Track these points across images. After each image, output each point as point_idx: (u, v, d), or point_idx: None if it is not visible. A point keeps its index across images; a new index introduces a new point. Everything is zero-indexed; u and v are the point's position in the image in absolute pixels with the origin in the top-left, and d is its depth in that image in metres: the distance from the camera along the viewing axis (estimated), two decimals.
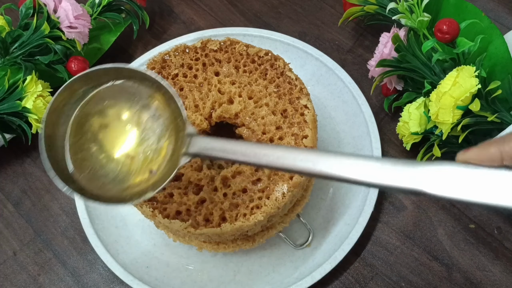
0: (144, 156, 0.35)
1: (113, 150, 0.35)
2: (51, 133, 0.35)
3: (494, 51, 0.47)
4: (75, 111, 0.36)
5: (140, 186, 0.35)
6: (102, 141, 0.35)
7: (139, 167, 0.35)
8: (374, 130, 0.51)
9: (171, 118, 0.35)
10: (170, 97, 0.34)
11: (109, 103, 0.36)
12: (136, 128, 0.35)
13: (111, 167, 0.35)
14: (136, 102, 0.36)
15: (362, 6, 0.54)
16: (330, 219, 0.49)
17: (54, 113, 0.35)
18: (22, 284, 0.49)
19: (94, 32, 0.59)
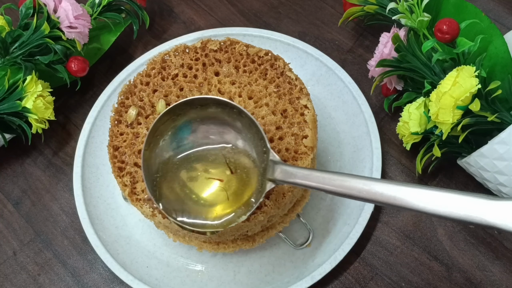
0: (234, 181, 0.37)
1: (200, 182, 0.38)
2: (148, 156, 0.37)
3: (494, 51, 0.47)
4: (167, 137, 0.38)
5: (222, 212, 0.37)
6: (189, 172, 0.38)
7: (225, 194, 0.37)
8: (374, 130, 0.51)
9: (254, 143, 0.37)
10: (251, 123, 0.36)
11: (196, 129, 0.38)
12: (223, 156, 0.38)
13: (196, 199, 0.37)
14: (221, 125, 0.38)
15: (362, 6, 0.54)
16: (330, 219, 0.49)
17: (152, 137, 0.38)
18: (22, 284, 0.49)
19: (94, 32, 0.59)
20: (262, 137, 0.36)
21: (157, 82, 0.45)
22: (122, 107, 0.44)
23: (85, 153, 0.53)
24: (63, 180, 0.54)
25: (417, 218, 0.49)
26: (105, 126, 0.54)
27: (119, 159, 0.42)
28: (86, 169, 0.52)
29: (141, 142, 0.42)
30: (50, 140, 0.57)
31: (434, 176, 0.51)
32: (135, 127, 0.43)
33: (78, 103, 0.59)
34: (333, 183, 0.31)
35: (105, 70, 0.61)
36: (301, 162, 0.40)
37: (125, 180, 0.40)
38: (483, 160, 0.43)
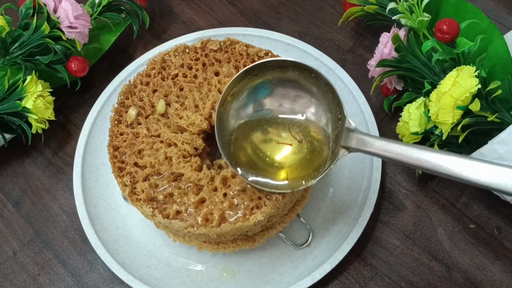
0: (303, 147, 0.38)
1: (274, 142, 0.38)
2: (222, 112, 0.38)
3: (494, 51, 0.47)
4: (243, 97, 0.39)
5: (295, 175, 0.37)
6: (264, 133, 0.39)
7: (298, 158, 0.38)
8: (374, 130, 0.51)
9: (329, 108, 0.37)
10: (328, 88, 0.37)
11: (274, 90, 0.39)
12: (299, 117, 0.38)
13: (268, 160, 0.38)
14: (297, 89, 0.38)
15: (362, 6, 0.54)
16: (330, 219, 0.49)
17: (227, 98, 0.38)
18: (22, 284, 0.49)
19: (94, 32, 0.59)
20: (338, 103, 0.36)
21: (157, 82, 0.45)
22: (122, 107, 0.44)
23: (85, 153, 0.53)
24: (63, 180, 0.54)
25: (417, 218, 0.50)
26: (105, 126, 0.54)
27: (119, 159, 0.42)
28: (86, 169, 0.52)
29: (141, 142, 0.42)
30: (50, 140, 0.57)
31: (434, 176, 0.51)
32: (135, 127, 0.43)
33: (78, 103, 0.59)
34: (411, 155, 0.32)
35: (105, 70, 0.61)
36: None
37: (125, 180, 0.40)
38: None
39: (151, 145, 0.42)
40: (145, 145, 0.42)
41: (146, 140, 0.42)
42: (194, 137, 0.43)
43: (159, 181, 0.41)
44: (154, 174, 0.41)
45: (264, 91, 0.39)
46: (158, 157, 0.41)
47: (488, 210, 0.49)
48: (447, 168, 0.31)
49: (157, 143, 0.42)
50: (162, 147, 0.42)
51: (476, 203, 0.50)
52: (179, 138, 0.42)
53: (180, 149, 0.42)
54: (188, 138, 0.43)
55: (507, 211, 0.49)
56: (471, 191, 0.50)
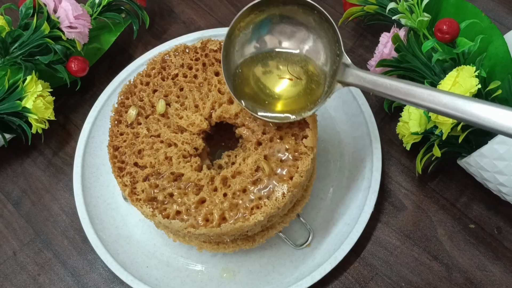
0: (302, 80, 0.40)
1: (273, 76, 0.41)
2: (228, 47, 0.40)
3: (494, 51, 0.47)
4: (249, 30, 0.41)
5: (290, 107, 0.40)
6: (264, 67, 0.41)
7: (295, 91, 0.40)
8: (374, 130, 0.51)
9: (329, 45, 0.39)
10: (329, 26, 0.38)
11: (275, 26, 0.40)
12: (298, 47, 0.40)
13: (268, 91, 0.41)
14: (299, 25, 0.40)
15: (362, 6, 0.54)
16: (330, 219, 0.49)
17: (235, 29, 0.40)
18: (22, 284, 0.49)
19: (94, 32, 0.59)
20: (337, 40, 0.38)
21: (157, 82, 0.45)
22: (122, 107, 0.44)
23: (85, 153, 0.53)
24: (63, 180, 0.54)
25: (417, 218, 0.50)
26: (105, 126, 0.54)
27: (119, 159, 0.42)
28: (86, 169, 0.52)
29: (141, 142, 0.42)
30: (50, 140, 0.57)
31: (434, 176, 0.51)
32: (135, 127, 0.43)
33: (78, 103, 0.59)
34: (399, 91, 0.33)
35: (105, 70, 0.61)
36: (301, 162, 0.40)
37: (125, 180, 0.40)
38: (483, 160, 0.43)
39: (151, 145, 0.42)
40: (145, 145, 0.42)
41: (146, 140, 0.42)
42: (194, 137, 0.43)
43: (159, 181, 0.41)
44: (154, 174, 0.41)
45: (268, 27, 0.40)
46: (158, 157, 0.41)
47: (488, 210, 0.49)
48: (432, 101, 0.32)
49: (157, 143, 0.42)
50: (162, 147, 0.42)
51: (476, 203, 0.50)
52: (179, 138, 0.42)
53: (180, 149, 0.42)
54: (188, 138, 0.43)
55: (507, 211, 0.49)
56: (471, 191, 0.50)
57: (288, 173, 0.40)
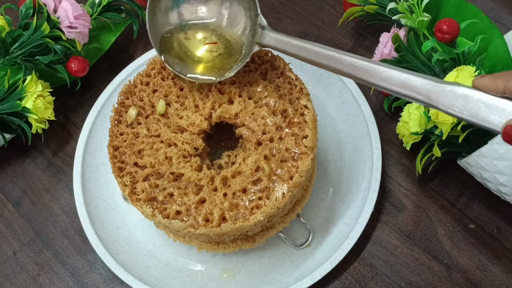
0: (220, 45, 0.42)
1: (195, 35, 0.43)
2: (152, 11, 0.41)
3: (494, 51, 0.47)
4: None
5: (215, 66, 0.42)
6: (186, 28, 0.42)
7: (217, 50, 0.42)
8: (374, 130, 0.51)
9: (248, 5, 0.41)
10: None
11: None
12: (217, 14, 0.42)
13: (192, 50, 0.42)
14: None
15: (362, 6, 0.54)
16: (330, 219, 0.49)
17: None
18: (22, 284, 0.49)
19: (94, 32, 0.59)
20: (254, 1, 0.40)
21: (157, 82, 0.45)
22: (122, 107, 0.44)
23: (85, 153, 0.53)
24: (63, 180, 0.54)
25: (417, 218, 0.50)
26: (105, 126, 0.54)
27: (119, 159, 0.42)
28: (86, 169, 0.52)
29: (141, 142, 0.42)
30: (50, 140, 0.57)
31: (434, 176, 0.51)
32: (135, 127, 0.43)
33: (78, 103, 0.59)
34: (307, 51, 0.36)
35: (105, 70, 0.61)
36: (301, 162, 0.40)
37: (125, 180, 0.40)
38: (483, 160, 0.43)
39: (151, 145, 0.42)
40: (145, 145, 0.42)
41: (146, 140, 0.42)
42: (194, 137, 0.43)
43: (159, 181, 0.41)
44: (154, 174, 0.41)
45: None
46: (158, 157, 0.41)
47: (488, 210, 0.49)
48: (335, 60, 0.34)
49: (157, 143, 0.42)
50: (162, 147, 0.42)
51: (476, 203, 0.50)
52: (179, 138, 0.42)
53: (180, 149, 0.42)
54: (188, 138, 0.43)
55: (507, 211, 0.49)
56: (471, 191, 0.50)
57: (288, 173, 0.40)
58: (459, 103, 0.30)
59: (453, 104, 0.30)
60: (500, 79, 0.29)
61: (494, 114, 0.29)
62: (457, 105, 0.30)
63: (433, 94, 0.30)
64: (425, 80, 0.31)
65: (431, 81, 0.31)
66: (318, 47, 0.36)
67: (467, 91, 0.30)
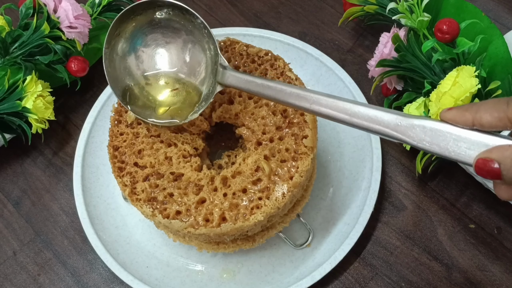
0: (182, 89, 0.42)
1: (157, 82, 0.42)
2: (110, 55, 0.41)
3: (494, 51, 0.47)
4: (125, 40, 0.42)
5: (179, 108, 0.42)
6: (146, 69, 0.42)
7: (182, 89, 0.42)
8: None
9: (208, 46, 0.41)
10: (204, 27, 0.40)
11: (152, 34, 0.42)
12: (176, 60, 0.42)
13: (155, 99, 0.42)
14: (176, 30, 0.42)
15: (362, 6, 0.54)
16: (330, 219, 0.49)
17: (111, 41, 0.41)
18: (22, 284, 0.49)
19: (94, 32, 0.59)
20: (213, 42, 0.40)
21: None
22: (122, 107, 0.44)
23: (85, 153, 0.53)
24: (63, 180, 0.54)
25: (417, 218, 0.50)
26: (105, 126, 0.54)
27: (119, 159, 0.42)
28: (86, 169, 0.52)
29: (141, 142, 0.42)
30: (50, 140, 0.57)
31: (434, 176, 0.51)
32: (135, 127, 0.43)
33: (78, 103, 0.59)
34: (271, 90, 0.36)
35: None
36: (301, 162, 0.40)
37: (125, 180, 0.40)
38: None
39: (151, 145, 0.42)
40: (145, 145, 0.42)
41: (146, 140, 0.42)
42: (194, 137, 0.43)
43: (159, 181, 0.41)
44: (154, 174, 0.41)
45: (146, 35, 0.42)
46: (158, 157, 0.41)
47: (488, 210, 0.49)
48: (297, 97, 0.34)
49: (157, 143, 0.42)
50: (162, 147, 0.42)
51: (476, 203, 0.50)
52: (179, 138, 0.42)
53: (180, 149, 0.42)
54: (188, 138, 0.43)
55: (507, 211, 0.49)
56: (471, 191, 0.50)
57: (288, 173, 0.40)
58: (428, 137, 0.29)
59: (422, 138, 0.29)
60: (468, 111, 0.28)
61: (464, 147, 0.28)
62: (426, 139, 0.29)
63: (402, 129, 0.30)
64: (393, 115, 0.30)
65: (399, 115, 0.30)
66: (282, 85, 0.35)
67: (436, 124, 0.29)
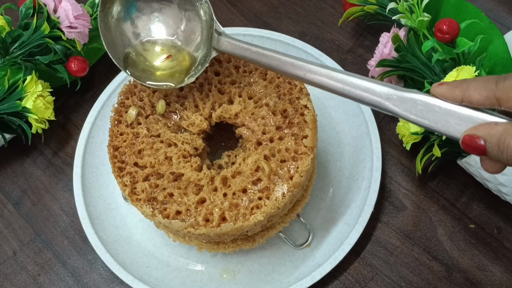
0: (178, 54, 0.43)
1: (154, 46, 0.43)
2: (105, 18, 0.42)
3: (494, 51, 0.47)
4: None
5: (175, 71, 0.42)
6: (144, 33, 0.43)
7: (178, 55, 0.43)
8: (374, 130, 0.51)
9: (204, 12, 0.41)
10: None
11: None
12: (172, 26, 0.43)
13: (152, 58, 0.43)
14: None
15: (362, 6, 0.54)
16: (330, 219, 0.49)
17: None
18: (22, 284, 0.49)
19: (94, 32, 0.59)
20: (208, 7, 0.40)
21: None
22: (122, 107, 0.44)
23: (85, 153, 0.53)
24: (63, 180, 0.54)
25: (417, 218, 0.50)
26: (105, 126, 0.54)
27: (119, 159, 0.42)
28: (86, 169, 0.52)
29: (141, 142, 0.42)
30: (50, 140, 0.57)
31: (434, 176, 0.51)
32: (135, 127, 0.43)
33: (78, 103, 0.59)
34: (266, 57, 0.36)
35: (105, 70, 0.61)
36: (301, 162, 0.40)
37: (125, 180, 0.40)
38: None
39: (151, 145, 0.42)
40: (145, 145, 0.42)
41: (146, 140, 0.42)
42: (194, 137, 0.43)
43: (159, 181, 0.41)
44: (154, 174, 0.41)
45: (141, 0, 0.42)
46: (158, 157, 0.41)
47: (488, 210, 0.49)
48: (297, 69, 0.35)
49: (157, 143, 0.42)
50: (162, 147, 0.42)
51: (476, 203, 0.50)
52: (179, 138, 0.42)
53: (180, 149, 0.42)
54: (188, 138, 0.43)
55: (507, 211, 0.49)
56: (471, 191, 0.50)
57: (288, 173, 0.40)
58: (419, 110, 0.30)
59: (412, 111, 0.30)
60: (458, 88, 0.28)
61: (453, 123, 0.28)
62: (416, 113, 0.30)
63: (394, 101, 0.30)
64: (385, 87, 0.31)
65: (391, 88, 0.31)
66: (277, 54, 0.36)
67: (427, 98, 0.29)
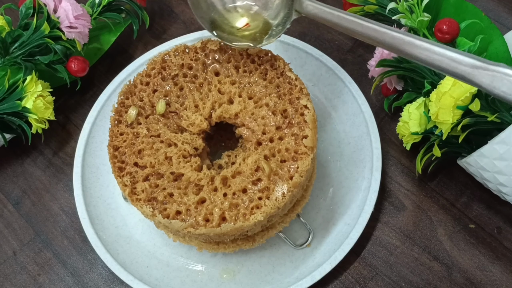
0: (258, 15, 0.43)
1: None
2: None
3: (494, 51, 0.47)
4: None
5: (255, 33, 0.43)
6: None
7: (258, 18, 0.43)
8: (374, 130, 0.51)
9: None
10: None
11: None
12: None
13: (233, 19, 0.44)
14: None
15: (362, 6, 0.54)
16: (330, 219, 0.49)
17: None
18: (22, 284, 0.49)
19: (94, 32, 0.59)
20: None
21: (157, 82, 0.45)
22: (122, 107, 0.44)
23: (85, 153, 0.53)
24: (63, 180, 0.54)
25: (417, 218, 0.50)
26: (105, 126, 0.54)
27: (119, 159, 0.42)
28: (86, 169, 0.52)
29: (141, 142, 0.42)
30: (50, 140, 0.57)
31: (434, 176, 0.51)
32: (135, 127, 0.43)
33: (78, 103, 0.59)
34: (348, 22, 0.36)
35: (105, 70, 0.61)
36: (301, 163, 0.40)
37: (125, 180, 0.41)
38: (483, 160, 0.43)
39: (151, 145, 0.42)
40: (145, 145, 0.42)
41: (146, 140, 0.42)
42: (194, 137, 0.43)
43: (159, 181, 0.41)
44: (154, 174, 0.41)
45: None
46: (158, 157, 0.41)
47: (488, 210, 0.49)
48: (382, 35, 0.35)
49: (157, 143, 0.42)
50: (162, 147, 0.42)
51: (476, 203, 0.50)
52: (179, 138, 0.42)
53: (180, 149, 0.42)
54: (188, 138, 0.43)
55: (507, 211, 0.49)
56: (471, 191, 0.50)
57: (288, 173, 0.40)
58: (505, 85, 0.29)
59: (499, 86, 0.29)
60: None
61: None
62: (504, 89, 0.29)
63: (481, 73, 0.30)
64: (471, 59, 0.30)
65: (478, 60, 0.30)
66: (360, 19, 0.36)
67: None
